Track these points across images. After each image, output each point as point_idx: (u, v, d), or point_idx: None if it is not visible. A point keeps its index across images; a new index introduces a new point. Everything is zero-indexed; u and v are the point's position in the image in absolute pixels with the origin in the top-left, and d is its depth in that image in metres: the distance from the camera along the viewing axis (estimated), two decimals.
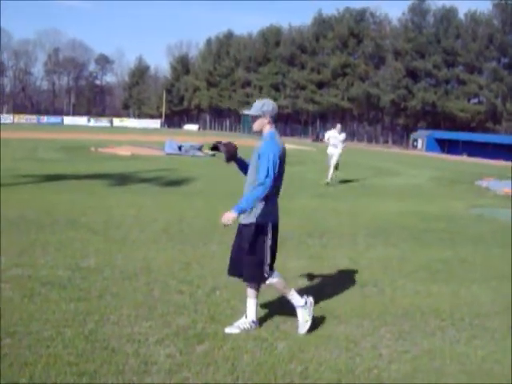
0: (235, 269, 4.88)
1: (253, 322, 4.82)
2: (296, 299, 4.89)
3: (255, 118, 4.81)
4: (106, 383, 3.73)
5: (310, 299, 4.90)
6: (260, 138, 4.85)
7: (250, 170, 4.81)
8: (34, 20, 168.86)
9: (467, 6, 79.05)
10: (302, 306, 4.84)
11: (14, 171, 16.19)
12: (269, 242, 4.77)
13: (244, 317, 4.85)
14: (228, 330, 4.72)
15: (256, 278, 4.82)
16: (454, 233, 10.39)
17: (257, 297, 4.91)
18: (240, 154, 4.99)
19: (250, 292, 4.88)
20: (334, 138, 18.47)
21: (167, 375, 3.87)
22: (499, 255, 8.56)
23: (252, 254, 4.74)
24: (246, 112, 4.92)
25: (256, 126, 4.83)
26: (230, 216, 4.51)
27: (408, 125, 75.82)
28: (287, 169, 5.05)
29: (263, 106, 4.79)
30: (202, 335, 4.59)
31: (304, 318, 4.82)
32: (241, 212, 4.57)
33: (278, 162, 4.63)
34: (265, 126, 4.81)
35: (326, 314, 5.31)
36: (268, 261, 4.77)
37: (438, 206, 14.39)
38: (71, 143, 33.66)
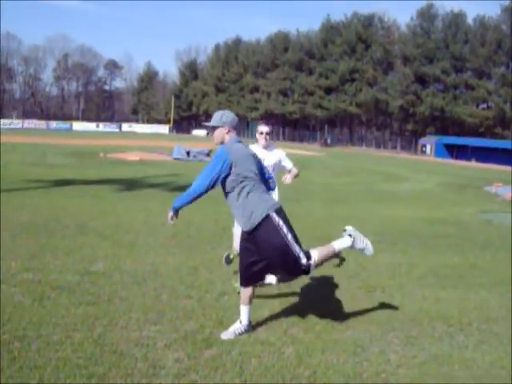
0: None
1: (247, 325, 4.84)
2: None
3: (214, 129, 4.85)
4: None
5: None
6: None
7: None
8: (43, 26, 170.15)
9: (476, 11, 79.07)
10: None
11: (24, 176, 16.28)
12: None
13: (238, 322, 4.85)
14: (224, 335, 4.70)
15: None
16: (463, 238, 10.37)
17: (250, 302, 4.91)
18: None
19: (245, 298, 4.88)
20: None
21: (175, 379, 3.89)
22: (507, 260, 8.53)
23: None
24: (206, 124, 4.95)
25: (216, 137, 4.86)
26: (168, 215, 5.04)
27: (417, 130, 75.72)
28: None
29: (222, 116, 4.82)
30: (211, 340, 4.61)
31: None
32: (174, 210, 5.07)
33: (221, 168, 4.69)
34: (224, 137, 4.82)
35: (334, 319, 5.32)
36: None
37: (446, 211, 14.36)
38: (80, 148, 33.83)
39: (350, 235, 4.89)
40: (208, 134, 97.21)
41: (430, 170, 33.18)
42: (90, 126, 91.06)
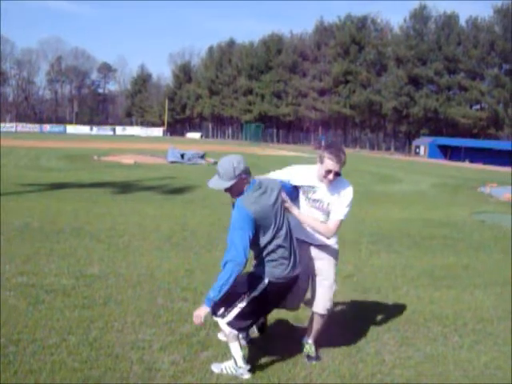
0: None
1: (240, 367, 4.07)
2: (236, 354, 4.09)
3: (231, 188, 4.01)
4: None
5: (244, 372, 4.06)
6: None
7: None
8: (36, 29, 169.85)
9: (468, 13, 79.32)
10: (235, 363, 4.07)
11: (18, 179, 16.24)
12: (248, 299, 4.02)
13: (232, 361, 4.11)
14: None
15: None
16: (457, 239, 10.41)
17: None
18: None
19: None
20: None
21: (171, 381, 3.89)
22: (502, 261, 8.57)
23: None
24: (214, 187, 4.07)
25: (235, 193, 4.04)
26: (201, 313, 3.88)
27: (410, 131, 75.87)
28: None
29: (233, 168, 3.93)
30: (206, 342, 4.61)
31: (228, 365, 4.11)
32: (212, 303, 3.88)
33: (250, 230, 3.82)
34: (241, 189, 3.99)
35: (330, 320, 5.32)
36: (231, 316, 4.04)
37: (440, 212, 14.40)
38: (74, 152, 33.74)
39: (236, 363, 4.06)
40: (202, 136, 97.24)
41: (424, 171, 33.25)
42: (84, 129, 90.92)
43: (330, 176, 4.30)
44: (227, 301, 3.97)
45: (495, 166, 47.96)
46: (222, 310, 4.03)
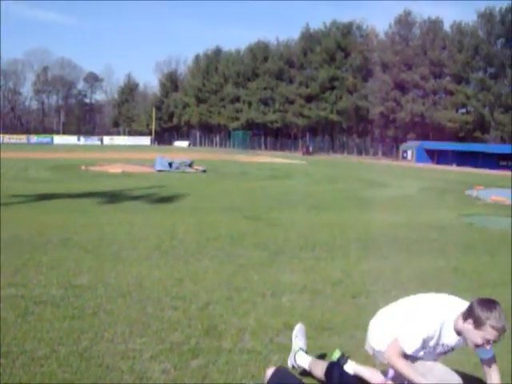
0: None
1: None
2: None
3: None
4: None
5: None
6: None
7: None
8: (22, 39, 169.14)
9: (452, 18, 79.97)
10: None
11: (6, 191, 16.15)
12: None
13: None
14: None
15: None
16: (446, 242, 10.46)
17: None
18: (227, 169, 4.90)
19: None
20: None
21: None
22: (490, 263, 8.63)
23: None
24: None
25: None
26: None
27: (397, 136, 76.20)
28: (276, 183, 5.05)
29: None
30: (197, 350, 4.61)
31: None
32: None
33: None
34: None
35: (319, 326, 5.34)
36: None
37: (428, 216, 14.47)
38: (62, 162, 33.63)
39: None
40: (190, 144, 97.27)
41: (411, 176, 33.42)
42: (71, 140, 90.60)
43: (489, 346, 3.52)
44: None
45: (482, 169, 48.28)
46: None
